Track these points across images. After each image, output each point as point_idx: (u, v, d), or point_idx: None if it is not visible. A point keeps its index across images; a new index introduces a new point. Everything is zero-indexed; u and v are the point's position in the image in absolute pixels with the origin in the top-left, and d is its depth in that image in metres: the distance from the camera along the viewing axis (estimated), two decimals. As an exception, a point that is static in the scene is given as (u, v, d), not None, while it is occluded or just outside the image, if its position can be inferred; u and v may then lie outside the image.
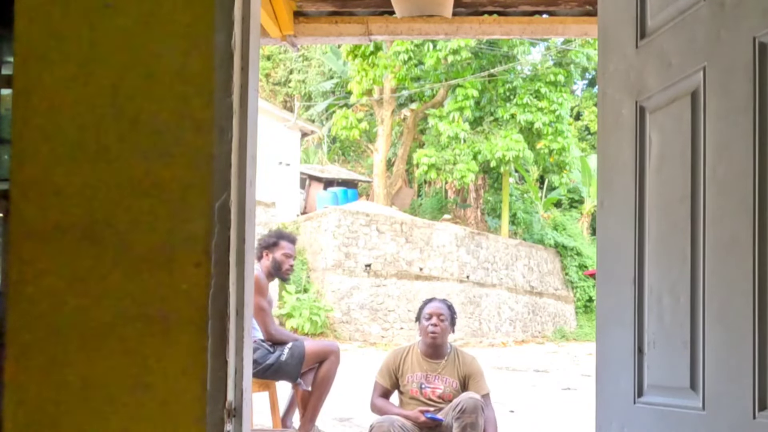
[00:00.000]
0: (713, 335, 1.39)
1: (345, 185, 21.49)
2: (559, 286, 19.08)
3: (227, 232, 1.42)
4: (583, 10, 3.65)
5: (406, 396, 3.98)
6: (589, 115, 26.75)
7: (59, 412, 1.40)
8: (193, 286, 1.40)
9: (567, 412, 6.89)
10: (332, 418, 5.99)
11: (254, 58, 1.53)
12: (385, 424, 3.69)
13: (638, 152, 1.66)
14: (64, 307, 1.40)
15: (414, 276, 15.14)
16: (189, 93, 1.43)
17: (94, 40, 1.43)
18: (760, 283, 1.28)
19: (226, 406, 1.41)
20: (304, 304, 13.99)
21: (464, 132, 17.80)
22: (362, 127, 19.65)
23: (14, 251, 1.41)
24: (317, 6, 3.76)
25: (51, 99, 1.43)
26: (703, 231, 1.42)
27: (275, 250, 4.31)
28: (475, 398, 3.73)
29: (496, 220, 20.36)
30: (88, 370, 1.40)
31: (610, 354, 1.77)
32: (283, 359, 4.15)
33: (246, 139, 1.48)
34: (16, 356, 1.40)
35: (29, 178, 1.42)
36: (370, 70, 17.69)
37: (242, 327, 1.47)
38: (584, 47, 18.11)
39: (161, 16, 1.43)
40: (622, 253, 1.70)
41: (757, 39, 1.31)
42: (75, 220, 1.41)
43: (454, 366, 3.97)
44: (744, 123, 1.33)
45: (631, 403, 1.64)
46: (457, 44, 16.67)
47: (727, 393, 1.34)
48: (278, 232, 4.55)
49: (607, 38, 1.84)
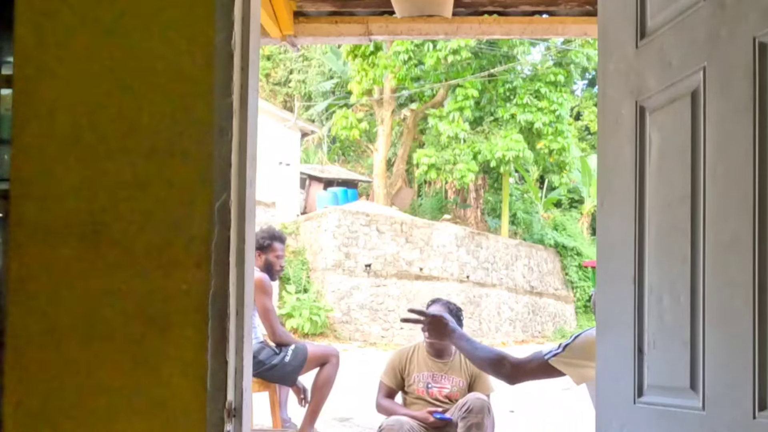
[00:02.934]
0: (713, 335, 1.38)
1: (345, 185, 21.47)
2: (559, 286, 19.08)
3: (227, 232, 1.42)
4: (583, 10, 3.65)
5: (411, 396, 3.93)
6: (589, 115, 26.73)
7: (59, 412, 1.40)
8: (193, 286, 1.40)
9: (567, 412, 6.89)
10: (332, 418, 5.99)
11: (254, 58, 1.53)
12: (395, 425, 3.66)
13: (638, 152, 1.66)
14: (64, 307, 1.40)
15: (414, 276, 15.13)
16: (189, 93, 1.43)
17: (93, 40, 1.44)
18: (760, 283, 1.28)
19: (226, 406, 1.41)
20: (304, 304, 13.98)
21: (464, 132, 17.79)
22: (362, 127, 19.65)
23: (14, 251, 1.41)
24: (317, 6, 3.76)
25: (51, 99, 1.43)
26: (703, 231, 1.42)
27: (268, 252, 4.29)
28: (483, 399, 3.70)
29: (496, 220, 20.36)
30: (87, 369, 1.40)
31: (610, 354, 1.77)
32: (286, 360, 4.15)
33: (246, 139, 1.48)
34: (16, 356, 1.40)
35: (29, 178, 1.42)
36: (370, 70, 17.68)
37: (242, 327, 1.47)
38: (584, 47, 18.10)
39: (161, 16, 1.43)
40: (622, 253, 1.69)
41: (757, 39, 1.31)
42: (75, 219, 1.41)
43: (460, 365, 3.94)
44: (744, 123, 1.33)
45: (631, 403, 1.64)
46: (457, 44, 16.66)
47: (727, 393, 1.34)
48: (270, 232, 4.46)
49: (607, 38, 1.84)
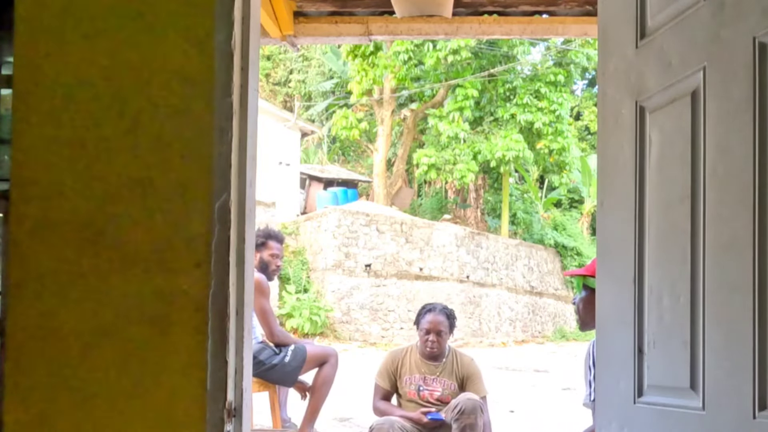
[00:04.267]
0: (713, 335, 1.38)
1: (345, 185, 21.46)
2: (559, 286, 19.07)
3: (227, 232, 1.42)
4: (583, 10, 3.66)
5: (404, 398, 3.97)
6: (589, 115, 26.73)
7: (59, 412, 1.40)
8: (193, 286, 1.40)
9: (567, 412, 6.89)
10: (332, 418, 5.99)
11: (254, 58, 1.53)
12: (385, 425, 3.69)
13: (638, 152, 1.66)
14: (64, 307, 1.40)
15: (414, 276, 15.12)
16: (189, 93, 1.43)
17: (93, 40, 1.43)
18: (760, 283, 1.28)
19: (226, 406, 1.41)
20: (304, 304, 13.98)
21: (464, 132, 17.78)
22: (362, 127, 19.63)
23: (14, 251, 1.41)
24: (317, 6, 3.76)
25: (51, 99, 1.43)
26: (703, 231, 1.42)
27: (263, 251, 4.28)
28: (474, 399, 3.73)
29: (496, 220, 20.35)
30: (87, 370, 1.40)
31: (610, 354, 1.77)
32: (286, 360, 4.16)
33: (246, 139, 1.48)
34: (16, 356, 1.40)
35: (29, 178, 1.42)
36: (370, 70, 17.67)
37: (242, 327, 1.47)
38: (584, 47, 18.09)
39: (161, 16, 1.43)
40: (622, 253, 1.69)
41: (757, 39, 1.31)
42: (75, 220, 1.41)
43: (452, 368, 3.96)
44: (744, 123, 1.33)
45: (631, 403, 1.64)
46: (457, 44, 16.65)
47: (727, 393, 1.34)
48: (266, 231, 4.45)
49: (607, 38, 1.84)
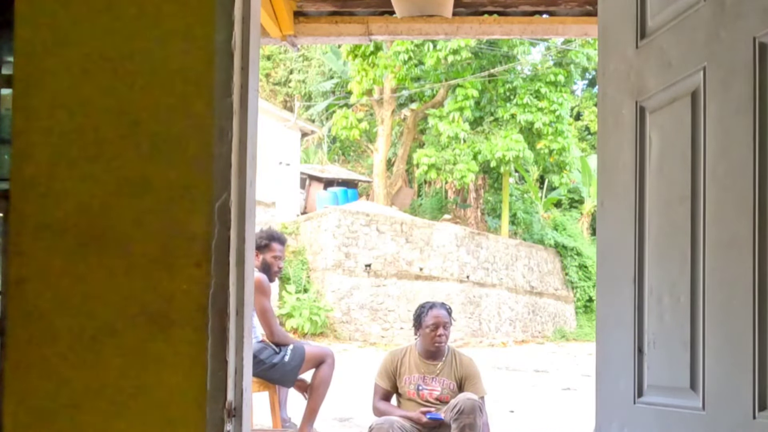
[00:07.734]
0: (713, 335, 1.39)
1: (345, 185, 21.47)
2: (559, 286, 19.07)
3: (227, 232, 1.42)
4: (583, 10, 3.66)
5: (404, 397, 3.97)
6: (589, 115, 26.73)
7: (59, 412, 1.40)
8: (193, 286, 1.40)
9: (567, 412, 6.89)
10: (332, 418, 5.99)
11: (254, 58, 1.53)
12: (384, 425, 3.69)
13: (638, 152, 1.66)
14: (64, 307, 1.40)
15: (414, 276, 15.13)
16: (189, 93, 1.43)
17: (94, 40, 1.44)
18: (760, 283, 1.28)
19: (226, 406, 1.41)
20: (304, 304, 13.99)
21: (464, 132, 17.78)
22: (362, 127, 19.64)
23: (14, 251, 1.41)
24: (317, 6, 3.76)
25: (51, 99, 1.43)
26: (703, 231, 1.42)
27: (266, 252, 4.28)
28: (473, 399, 3.73)
29: (496, 220, 20.35)
30: (87, 369, 1.40)
31: (610, 354, 1.77)
32: (286, 360, 4.17)
33: (246, 139, 1.48)
34: (16, 356, 1.40)
35: (29, 178, 1.42)
36: (370, 70, 17.68)
37: (242, 327, 1.47)
38: (584, 47, 18.09)
39: (161, 16, 1.43)
40: (622, 253, 1.69)
41: (757, 39, 1.31)
42: (75, 219, 1.41)
43: (451, 368, 3.96)
44: (744, 123, 1.33)
45: (631, 403, 1.64)
46: (457, 44, 16.66)
47: (727, 393, 1.34)
48: (269, 233, 4.44)
49: (607, 38, 1.84)
